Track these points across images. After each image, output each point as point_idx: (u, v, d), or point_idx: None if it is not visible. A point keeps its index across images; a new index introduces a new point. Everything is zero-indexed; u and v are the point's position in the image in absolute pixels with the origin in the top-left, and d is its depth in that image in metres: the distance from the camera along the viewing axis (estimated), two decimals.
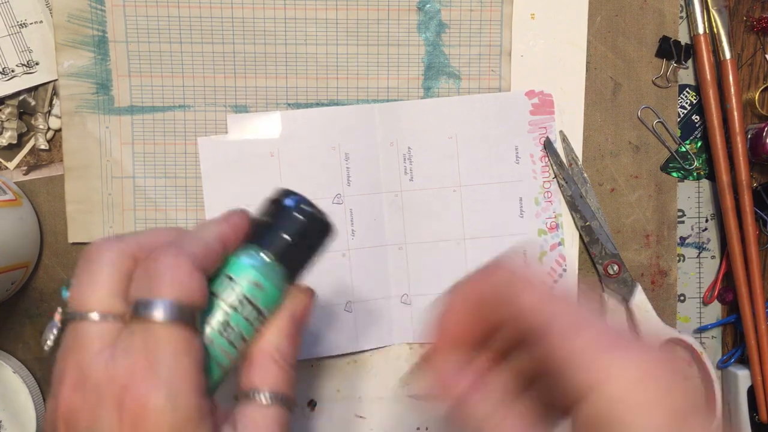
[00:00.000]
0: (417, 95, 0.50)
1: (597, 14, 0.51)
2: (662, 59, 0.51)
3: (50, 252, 0.50)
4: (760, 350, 0.50)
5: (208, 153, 0.49)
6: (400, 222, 0.50)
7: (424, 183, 0.50)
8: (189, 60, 0.49)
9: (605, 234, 0.50)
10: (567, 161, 0.50)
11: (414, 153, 0.50)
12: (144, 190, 0.49)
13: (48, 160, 0.50)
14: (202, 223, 0.30)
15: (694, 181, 0.52)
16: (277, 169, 0.49)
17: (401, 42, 0.50)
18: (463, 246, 0.50)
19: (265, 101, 0.50)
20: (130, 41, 0.49)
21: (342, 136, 0.49)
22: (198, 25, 0.49)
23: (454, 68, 0.50)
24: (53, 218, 0.50)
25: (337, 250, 0.49)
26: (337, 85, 0.50)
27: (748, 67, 0.52)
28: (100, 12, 0.48)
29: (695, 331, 0.52)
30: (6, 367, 0.48)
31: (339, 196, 0.49)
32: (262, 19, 0.49)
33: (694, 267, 0.52)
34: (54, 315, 0.28)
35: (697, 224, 0.52)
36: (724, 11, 0.50)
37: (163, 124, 0.49)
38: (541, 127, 0.50)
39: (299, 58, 0.49)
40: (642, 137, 0.51)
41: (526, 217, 0.50)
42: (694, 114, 0.52)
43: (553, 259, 0.50)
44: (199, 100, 0.49)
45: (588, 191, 0.50)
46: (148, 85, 0.49)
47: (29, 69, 0.49)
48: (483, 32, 0.50)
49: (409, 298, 0.50)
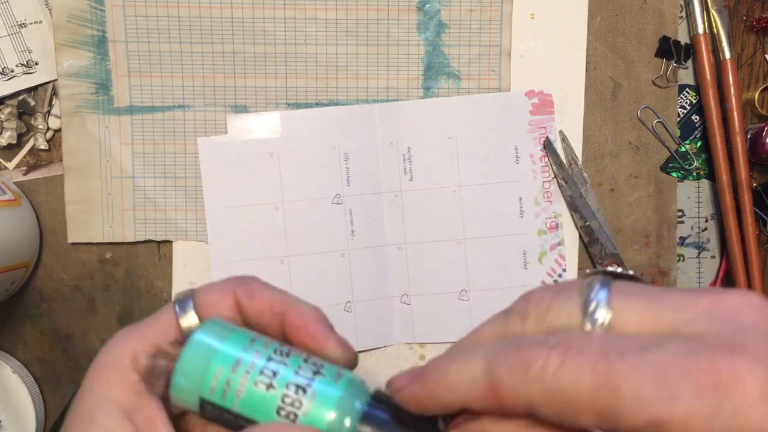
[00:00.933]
0: (417, 95, 0.50)
1: (597, 14, 0.51)
2: (662, 59, 0.51)
3: (50, 252, 0.50)
4: None
5: (208, 153, 0.49)
6: (400, 222, 0.50)
7: (424, 183, 0.50)
8: (189, 60, 0.49)
9: (605, 234, 0.50)
10: (567, 161, 0.50)
11: (414, 153, 0.50)
12: (144, 190, 0.49)
13: (48, 160, 0.50)
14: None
15: (694, 181, 0.52)
16: (277, 169, 0.49)
17: (401, 42, 0.50)
18: (463, 246, 0.50)
19: (265, 101, 0.50)
20: (130, 41, 0.49)
21: (342, 136, 0.49)
22: (198, 25, 0.49)
23: (454, 68, 0.50)
24: (53, 218, 0.50)
25: (337, 250, 0.49)
26: (337, 85, 0.50)
27: (748, 67, 0.52)
28: (99, 12, 0.48)
29: None
30: (6, 367, 0.48)
31: (339, 196, 0.49)
32: (262, 19, 0.49)
33: (694, 267, 0.52)
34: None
35: (697, 224, 0.52)
36: (724, 11, 0.50)
37: (162, 124, 0.49)
38: (541, 127, 0.50)
39: (299, 58, 0.49)
40: (642, 137, 0.51)
41: (526, 217, 0.50)
42: (693, 114, 0.52)
43: (553, 259, 0.50)
44: (199, 100, 0.49)
45: (588, 191, 0.50)
46: (147, 85, 0.49)
47: (29, 69, 0.49)
48: (483, 32, 0.50)
49: (409, 298, 0.50)
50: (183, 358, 0.25)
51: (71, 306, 0.50)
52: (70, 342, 0.50)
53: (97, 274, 0.50)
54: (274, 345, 0.26)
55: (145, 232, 0.50)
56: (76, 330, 0.50)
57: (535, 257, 0.50)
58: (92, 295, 0.50)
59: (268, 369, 0.24)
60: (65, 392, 0.50)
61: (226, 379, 0.24)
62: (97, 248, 0.50)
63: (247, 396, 0.24)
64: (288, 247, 0.49)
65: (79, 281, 0.50)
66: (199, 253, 0.50)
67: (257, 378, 0.24)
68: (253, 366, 0.24)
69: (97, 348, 0.50)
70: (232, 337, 0.25)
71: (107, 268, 0.50)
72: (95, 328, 0.50)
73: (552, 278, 0.50)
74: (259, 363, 0.25)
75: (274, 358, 0.25)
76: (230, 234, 0.49)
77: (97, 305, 0.50)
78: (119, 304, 0.50)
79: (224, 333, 0.25)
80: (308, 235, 0.49)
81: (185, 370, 0.25)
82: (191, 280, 0.50)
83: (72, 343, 0.50)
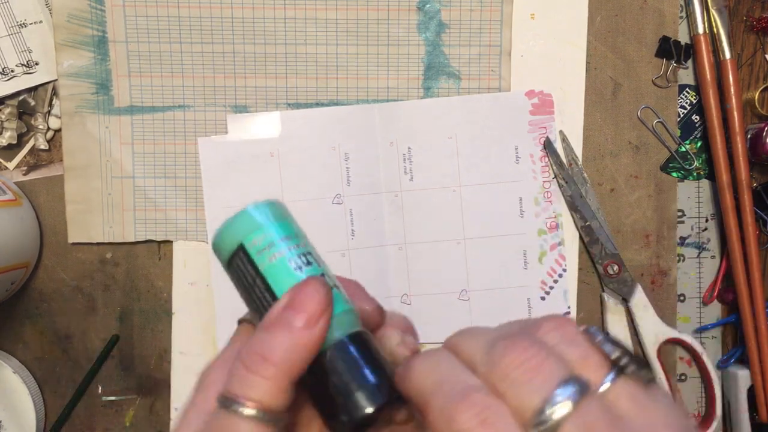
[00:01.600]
0: (417, 95, 0.50)
1: (597, 14, 0.51)
2: (662, 59, 0.51)
3: (50, 252, 0.50)
4: (760, 350, 0.50)
5: (208, 153, 0.49)
6: (400, 222, 0.50)
7: (424, 183, 0.50)
8: (189, 60, 0.49)
9: (605, 234, 0.50)
10: (567, 161, 0.50)
11: (414, 153, 0.50)
12: (144, 190, 0.49)
13: (48, 160, 0.50)
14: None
15: (694, 181, 0.52)
16: (277, 169, 0.49)
17: (401, 42, 0.50)
18: (463, 246, 0.50)
19: (265, 101, 0.50)
20: (130, 41, 0.49)
21: (342, 136, 0.49)
22: (198, 25, 0.49)
23: (454, 68, 0.50)
24: (53, 218, 0.50)
25: (336, 250, 0.49)
26: (337, 85, 0.50)
27: (748, 67, 0.52)
28: (99, 12, 0.48)
29: (695, 331, 0.52)
30: (6, 367, 0.48)
31: (339, 196, 0.49)
32: (262, 19, 0.49)
33: (694, 267, 0.52)
34: None
35: (697, 224, 0.52)
36: (724, 11, 0.50)
37: (163, 124, 0.49)
38: (541, 127, 0.50)
39: (299, 58, 0.49)
40: (642, 137, 0.51)
41: (526, 217, 0.50)
42: (694, 114, 0.52)
43: (553, 259, 0.50)
44: (199, 100, 0.49)
45: (588, 191, 0.50)
46: (147, 85, 0.49)
47: (29, 69, 0.49)
48: (483, 32, 0.50)
49: (409, 298, 0.50)
50: (246, 210, 0.28)
51: (71, 306, 0.50)
52: (70, 342, 0.50)
53: (97, 274, 0.50)
54: (313, 249, 0.29)
55: (145, 232, 0.50)
56: (76, 330, 0.50)
57: (535, 257, 0.50)
58: (92, 295, 0.50)
59: (305, 257, 0.28)
60: (65, 392, 0.50)
61: (270, 242, 0.27)
62: (98, 248, 0.50)
63: (278, 265, 0.27)
64: None
65: (79, 281, 0.50)
66: (199, 253, 0.50)
67: (294, 258, 0.27)
68: (296, 247, 0.28)
69: (97, 348, 0.50)
70: (291, 222, 0.29)
71: (107, 268, 0.50)
72: (95, 328, 0.50)
73: (552, 278, 0.50)
74: (301, 251, 0.28)
75: (313, 254, 0.28)
76: None
77: (97, 305, 0.50)
78: (119, 304, 0.50)
79: (285, 215, 0.29)
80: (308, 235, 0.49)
81: (243, 218, 0.28)
82: (191, 280, 0.50)
83: (72, 343, 0.50)
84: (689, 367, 0.52)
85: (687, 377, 0.52)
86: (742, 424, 0.51)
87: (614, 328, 0.50)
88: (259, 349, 0.24)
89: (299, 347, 0.24)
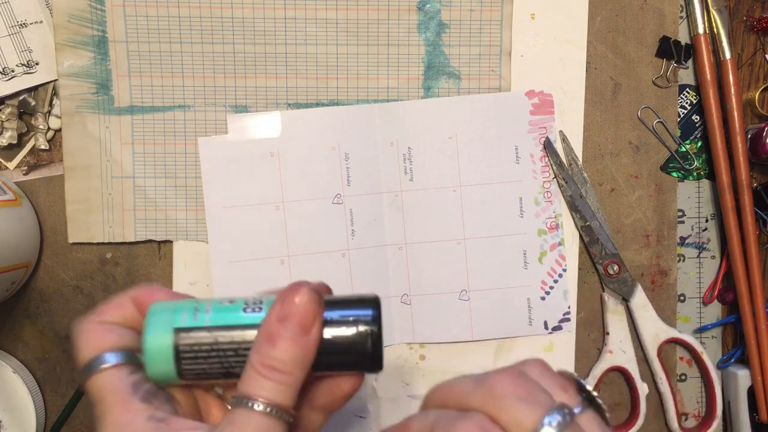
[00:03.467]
0: (417, 95, 0.50)
1: (597, 14, 0.51)
2: (662, 59, 0.51)
3: (50, 252, 0.50)
4: (760, 350, 0.50)
5: (208, 153, 0.49)
6: (400, 222, 0.50)
7: (424, 183, 0.50)
8: (189, 60, 0.49)
9: (605, 234, 0.50)
10: (567, 161, 0.50)
11: (414, 153, 0.50)
12: (144, 190, 0.49)
13: (48, 160, 0.50)
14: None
15: (694, 181, 0.52)
16: (277, 169, 0.49)
17: (401, 42, 0.50)
18: (463, 246, 0.50)
19: (265, 101, 0.50)
20: (130, 41, 0.49)
21: (342, 136, 0.49)
22: (198, 25, 0.49)
23: (454, 68, 0.50)
24: (53, 218, 0.50)
25: (336, 249, 0.49)
26: (337, 85, 0.50)
27: (748, 67, 0.52)
28: (100, 12, 0.48)
29: (695, 331, 0.52)
30: (6, 367, 0.48)
31: (339, 196, 0.49)
32: (262, 19, 0.49)
33: (694, 267, 0.52)
34: None
35: (697, 224, 0.52)
36: (724, 11, 0.50)
37: (163, 124, 0.49)
38: (541, 127, 0.50)
39: (299, 58, 0.49)
40: (642, 137, 0.51)
41: (526, 217, 0.50)
42: (694, 114, 0.52)
43: (553, 259, 0.50)
44: (199, 100, 0.49)
45: (588, 191, 0.50)
46: (148, 85, 0.49)
47: (29, 69, 0.49)
48: (483, 32, 0.50)
49: (409, 298, 0.50)
50: (150, 318, 0.29)
51: (71, 306, 0.50)
52: (70, 342, 0.50)
53: (97, 274, 0.50)
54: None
55: (145, 232, 0.50)
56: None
57: (535, 257, 0.50)
58: (92, 295, 0.50)
59: (224, 301, 0.29)
60: (65, 392, 0.50)
61: (194, 307, 0.28)
62: (98, 248, 0.50)
63: (215, 310, 0.28)
64: (288, 247, 0.49)
65: (80, 281, 0.50)
66: (199, 253, 0.50)
67: (218, 301, 0.29)
68: (211, 300, 0.29)
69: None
70: (180, 301, 0.30)
71: (107, 268, 0.50)
72: None
73: (552, 278, 0.50)
74: (213, 300, 0.29)
75: (218, 299, 0.30)
76: (230, 234, 0.49)
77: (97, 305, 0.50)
78: None
79: (173, 302, 0.30)
80: (308, 235, 0.49)
81: (156, 317, 0.29)
82: (191, 280, 0.50)
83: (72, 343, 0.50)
84: (689, 367, 0.52)
85: (687, 377, 0.52)
86: (742, 424, 0.51)
87: (614, 328, 0.50)
88: (270, 362, 0.27)
89: (305, 353, 0.28)
